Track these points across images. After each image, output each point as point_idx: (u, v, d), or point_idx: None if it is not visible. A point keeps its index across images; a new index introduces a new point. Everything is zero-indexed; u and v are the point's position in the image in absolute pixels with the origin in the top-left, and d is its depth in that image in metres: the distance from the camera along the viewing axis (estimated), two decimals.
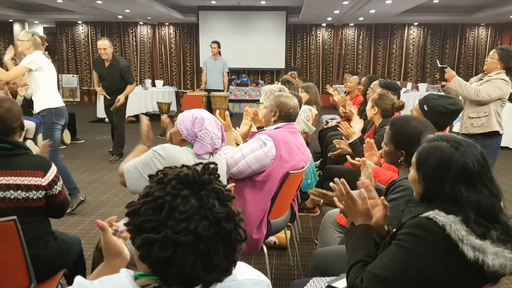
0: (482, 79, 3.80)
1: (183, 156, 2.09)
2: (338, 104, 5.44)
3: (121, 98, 5.92)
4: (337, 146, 3.76)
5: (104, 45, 5.82)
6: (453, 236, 1.23)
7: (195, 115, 2.14)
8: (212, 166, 0.98)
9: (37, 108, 4.20)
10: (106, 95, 6.08)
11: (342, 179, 1.62)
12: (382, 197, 1.62)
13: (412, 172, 1.45)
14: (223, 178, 2.38)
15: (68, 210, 4.20)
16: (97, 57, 6.07)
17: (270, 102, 2.76)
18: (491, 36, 13.00)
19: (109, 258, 1.18)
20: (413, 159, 1.45)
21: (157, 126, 4.43)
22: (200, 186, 0.92)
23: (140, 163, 2.10)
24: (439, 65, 3.93)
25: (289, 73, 7.69)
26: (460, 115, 3.94)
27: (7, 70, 4.24)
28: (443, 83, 3.87)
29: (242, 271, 1.01)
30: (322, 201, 2.10)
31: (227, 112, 2.99)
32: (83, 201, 4.34)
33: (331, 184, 1.66)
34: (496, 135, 3.75)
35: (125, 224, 0.93)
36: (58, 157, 4.26)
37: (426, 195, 1.40)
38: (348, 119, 4.87)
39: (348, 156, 2.93)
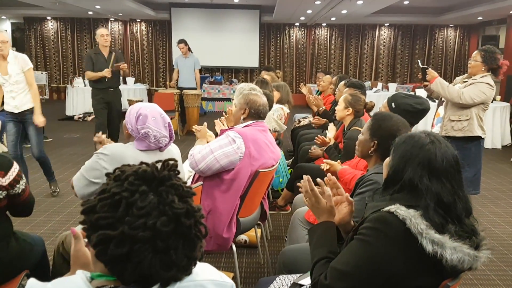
0: (466, 81, 3.69)
1: (127, 151, 2.09)
2: (312, 103, 5.47)
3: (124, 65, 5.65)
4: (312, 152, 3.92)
5: (107, 31, 5.61)
6: (412, 230, 1.25)
7: (140, 111, 2.10)
8: (171, 162, 0.97)
9: (23, 107, 4.16)
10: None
11: (308, 176, 1.63)
12: (347, 194, 1.64)
13: (388, 158, 1.50)
14: (181, 167, 2.38)
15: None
16: (91, 52, 5.72)
17: (239, 100, 2.75)
18: (459, 37, 13.35)
19: (76, 267, 1.15)
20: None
21: None
22: (159, 182, 0.91)
23: (85, 169, 2.11)
24: (421, 66, 3.83)
25: (277, 71, 7.72)
26: (441, 116, 3.97)
27: None
28: (425, 83, 3.78)
29: (203, 271, 1.00)
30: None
31: (205, 123, 3.02)
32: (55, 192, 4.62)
33: (299, 183, 1.68)
34: (477, 139, 3.66)
35: (81, 223, 0.91)
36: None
37: (390, 176, 1.44)
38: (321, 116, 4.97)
39: (318, 149, 2.97)
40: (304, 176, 1.65)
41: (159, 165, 0.95)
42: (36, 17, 12.99)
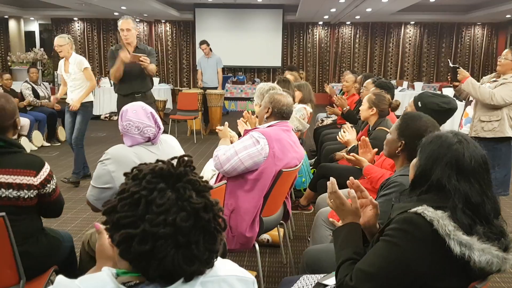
0: (496, 80, 3.60)
1: (128, 150, 2.12)
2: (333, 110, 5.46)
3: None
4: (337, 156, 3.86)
5: (127, 25, 4.48)
6: (440, 231, 1.23)
7: (123, 109, 2.14)
8: (187, 158, 0.98)
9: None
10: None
11: (333, 178, 1.63)
12: (371, 197, 1.63)
13: (415, 159, 1.48)
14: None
15: (65, 180, 4.93)
16: (114, 48, 4.63)
17: (264, 99, 2.76)
18: (487, 35, 13.04)
19: (101, 261, 1.17)
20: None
21: None
22: (176, 178, 0.92)
23: (94, 180, 2.14)
24: (451, 65, 3.73)
25: (300, 72, 7.70)
26: (470, 117, 3.90)
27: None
28: (456, 83, 3.71)
29: (226, 267, 1.01)
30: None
31: (226, 123, 3.02)
32: (75, 183, 4.93)
33: (328, 182, 1.67)
34: (508, 140, 3.59)
35: (103, 223, 0.93)
36: (82, 145, 5.00)
37: (416, 178, 1.42)
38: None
39: (343, 154, 2.94)
40: (331, 179, 1.64)
41: (175, 162, 0.97)
42: (63, 18, 13.28)
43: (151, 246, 0.86)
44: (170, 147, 2.27)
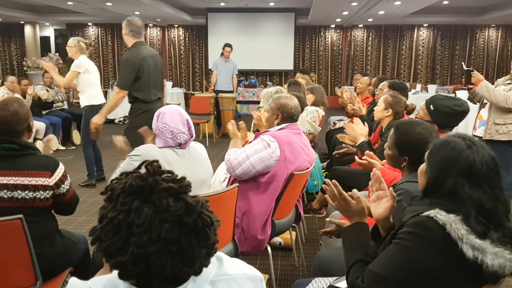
0: (511, 83, 3.58)
1: (157, 151, 2.17)
2: (346, 103, 5.35)
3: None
4: (340, 140, 3.74)
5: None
6: (453, 235, 1.23)
7: (161, 110, 2.22)
8: (155, 164, 0.95)
9: (82, 104, 4.91)
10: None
11: (334, 181, 1.63)
12: (391, 188, 1.62)
13: (423, 165, 1.47)
14: (207, 164, 2.43)
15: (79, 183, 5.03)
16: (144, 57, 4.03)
17: (270, 105, 2.76)
18: (502, 37, 12.90)
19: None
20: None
21: None
22: (149, 190, 0.89)
23: (120, 173, 2.15)
24: (465, 68, 3.71)
25: (311, 74, 7.70)
26: (484, 119, 3.86)
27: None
28: (470, 86, 3.68)
29: (235, 266, 1.02)
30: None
31: (233, 121, 3.01)
32: (90, 185, 5.03)
33: (323, 185, 1.68)
34: None
35: (96, 251, 0.92)
36: (89, 146, 5.05)
37: (428, 187, 1.40)
38: (356, 116, 4.83)
39: (356, 157, 2.92)
40: (326, 180, 1.65)
41: (142, 170, 0.94)
42: (78, 23, 13.46)
43: (145, 264, 0.85)
44: (198, 154, 2.34)
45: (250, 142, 2.65)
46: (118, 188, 0.90)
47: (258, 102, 11.26)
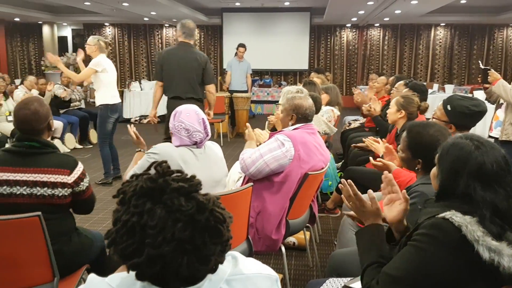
0: None
1: (175, 149, 2.19)
2: (361, 103, 5.27)
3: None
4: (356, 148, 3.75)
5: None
6: (469, 237, 1.22)
7: (178, 109, 2.26)
8: (164, 164, 0.95)
9: (97, 102, 4.97)
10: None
11: (349, 180, 1.63)
12: (404, 191, 1.61)
13: (434, 168, 1.46)
14: (223, 163, 2.45)
15: (96, 182, 5.06)
16: (167, 51, 4.54)
17: (284, 106, 2.75)
18: None
19: None
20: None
21: None
22: (160, 192, 0.90)
23: (137, 169, 2.22)
24: (482, 67, 3.66)
25: (326, 74, 7.68)
26: (500, 120, 3.80)
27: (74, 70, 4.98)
28: (486, 85, 3.63)
29: (250, 265, 1.02)
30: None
31: (248, 125, 3.05)
32: (107, 183, 5.09)
33: (339, 185, 1.67)
34: None
35: (111, 252, 0.91)
36: (106, 144, 5.10)
37: (441, 190, 1.40)
38: (370, 117, 4.79)
39: (370, 158, 2.90)
40: (343, 180, 1.64)
41: (152, 171, 0.94)
42: (95, 23, 13.62)
43: (161, 265, 0.86)
44: (213, 154, 2.36)
45: (265, 142, 2.65)
46: (130, 191, 0.91)
47: (273, 102, 11.36)
